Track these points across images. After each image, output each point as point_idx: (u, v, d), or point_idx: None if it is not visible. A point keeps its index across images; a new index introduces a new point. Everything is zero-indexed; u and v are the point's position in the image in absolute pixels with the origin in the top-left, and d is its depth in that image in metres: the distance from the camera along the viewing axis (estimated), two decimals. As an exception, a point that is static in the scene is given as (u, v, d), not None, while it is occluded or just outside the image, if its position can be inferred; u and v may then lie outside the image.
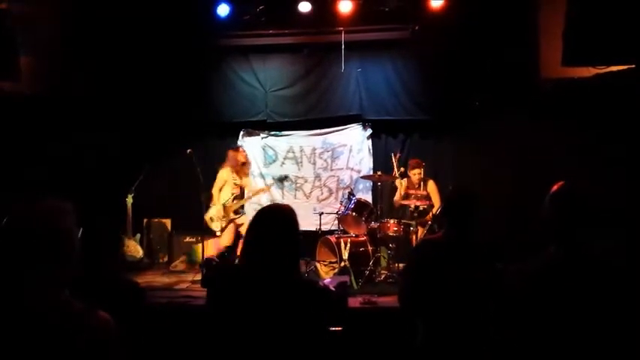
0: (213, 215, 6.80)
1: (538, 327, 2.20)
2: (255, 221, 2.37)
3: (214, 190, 6.85)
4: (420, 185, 6.83)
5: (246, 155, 7.18)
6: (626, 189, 5.15)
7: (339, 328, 3.46)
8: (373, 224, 6.71)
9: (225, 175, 6.89)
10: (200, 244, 6.61)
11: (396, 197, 7.18)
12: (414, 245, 6.18)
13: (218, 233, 6.86)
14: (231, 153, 7.02)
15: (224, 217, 6.82)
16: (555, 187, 2.36)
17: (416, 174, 6.92)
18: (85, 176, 6.60)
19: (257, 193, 7.35)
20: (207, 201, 6.64)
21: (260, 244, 2.30)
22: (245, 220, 6.92)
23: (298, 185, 8.35)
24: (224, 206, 6.80)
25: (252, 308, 2.21)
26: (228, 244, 6.87)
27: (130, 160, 7.18)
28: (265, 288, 2.23)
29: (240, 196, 7.07)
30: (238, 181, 6.95)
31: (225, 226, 6.88)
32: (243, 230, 6.83)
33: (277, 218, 2.36)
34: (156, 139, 7.08)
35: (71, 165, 6.49)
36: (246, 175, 7.16)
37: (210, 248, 6.87)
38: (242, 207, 7.09)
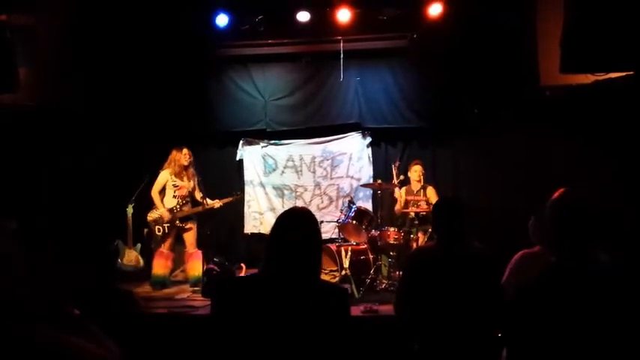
0: (157, 218, 6.63)
1: (542, 339, 2.18)
2: (280, 226, 2.38)
3: (153, 193, 6.63)
4: (420, 190, 6.85)
5: (189, 156, 6.79)
6: (625, 195, 5.15)
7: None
8: (374, 232, 6.70)
9: (162, 177, 6.68)
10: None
11: (397, 207, 7.19)
12: (408, 254, 6.18)
13: (161, 243, 6.70)
14: (172, 153, 6.76)
15: (167, 222, 6.61)
16: (556, 195, 2.34)
17: (417, 171, 6.97)
18: (85, 187, 6.60)
19: (223, 202, 6.92)
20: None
21: (287, 248, 2.30)
22: (194, 226, 6.80)
23: (298, 194, 8.33)
24: (171, 211, 6.60)
25: (281, 314, 2.21)
26: (166, 250, 6.70)
27: (130, 171, 7.17)
28: (293, 292, 2.24)
29: (192, 201, 6.83)
30: (178, 183, 6.69)
31: (168, 232, 6.66)
32: (188, 238, 6.78)
33: (304, 221, 2.38)
34: (155, 149, 7.07)
35: (71, 175, 6.49)
36: (192, 177, 6.82)
37: (160, 262, 6.68)
38: (195, 215, 6.82)
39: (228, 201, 6.96)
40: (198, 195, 6.73)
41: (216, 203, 6.80)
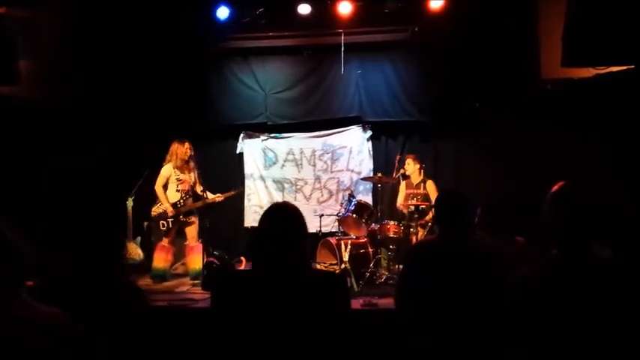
0: (162, 213, 6.56)
1: (544, 334, 2.18)
2: (267, 219, 2.43)
3: (157, 187, 6.55)
4: (420, 184, 6.86)
5: (190, 150, 6.67)
6: (625, 190, 5.15)
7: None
8: (373, 226, 6.70)
9: (166, 171, 6.59)
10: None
11: (398, 202, 7.21)
12: (409, 248, 6.18)
13: (163, 236, 6.65)
14: (174, 146, 6.65)
15: (172, 217, 6.54)
16: (556, 187, 2.33)
17: (409, 164, 6.98)
18: (85, 180, 6.60)
19: (225, 196, 6.85)
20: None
21: (274, 240, 2.34)
22: (196, 220, 6.76)
23: (298, 187, 8.33)
24: (174, 205, 6.54)
25: (275, 305, 2.24)
26: (167, 244, 6.64)
27: (130, 164, 7.16)
28: (285, 283, 2.27)
29: (193, 195, 6.74)
30: (181, 177, 6.62)
31: (172, 227, 6.63)
32: (190, 231, 6.74)
33: (287, 214, 2.44)
34: (155, 142, 7.06)
35: (71, 169, 6.48)
36: (193, 171, 6.73)
37: (161, 255, 6.62)
38: (196, 208, 6.75)
39: (229, 195, 6.93)
40: (198, 189, 6.70)
41: (218, 197, 6.76)
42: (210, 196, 6.66)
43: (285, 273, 2.30)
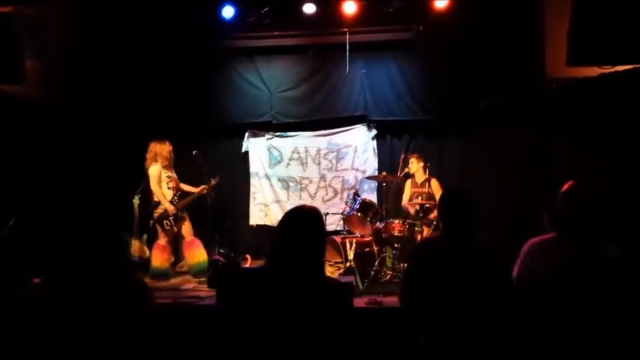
0: (163, 213, 6.55)
1: (553, 327, 2.19)
2: (289, 222, 2.46)
3: (154, 187, 6.53)
4: (424, 183, 6.87)
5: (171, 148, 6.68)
6: (631, 188, 5.14)
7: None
8: (378, 224, 6.71)
9: (156, 170, 6.56)
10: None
11: (404, 201, 7.22)
12: (413, 245, 6.18)
13: (161, 235, 6.63)
14: (156, 146, 6.63)
15: (172, 214, 6.54)
16: (566, 186, 2.35)
17: (412, 163, 6.99)
18: (92, 178, 6.63)
19: (211, 186, 6.83)
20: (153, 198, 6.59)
21: (294, 243, 2.37)
22: (187, 216, 6.77)
23: (303, 186, 8.35)
24: (172, 203, 6.55)
25: (286, 309, 2.27)
26: (164, 242, 6.62)
27: (136, 162, 7.18)
28: (297, 288, 2.30)
29: (182, 192, 6.79)
30: (170, 174, 6.64)
31: (174, 225, 6.62)
32: (185, 227, 6.72)
33: (311, 219, 2.46)
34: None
35: (77, 167, 6.51)
36: (173, 168, 6.76)
37: (157, 254, 6.59)
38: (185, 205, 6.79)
39: (212, 185, 6.86)
40: (184, 186, 6.84)
41: (204, 189, 6.82)
42: (196, 189, 6.81)
43: (295, 272, 2.33)
